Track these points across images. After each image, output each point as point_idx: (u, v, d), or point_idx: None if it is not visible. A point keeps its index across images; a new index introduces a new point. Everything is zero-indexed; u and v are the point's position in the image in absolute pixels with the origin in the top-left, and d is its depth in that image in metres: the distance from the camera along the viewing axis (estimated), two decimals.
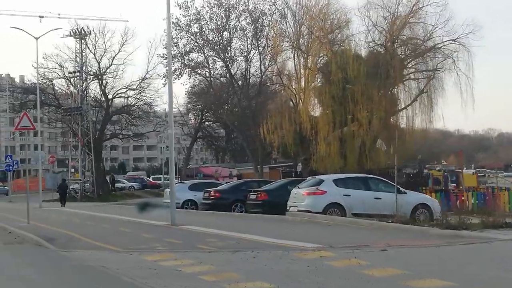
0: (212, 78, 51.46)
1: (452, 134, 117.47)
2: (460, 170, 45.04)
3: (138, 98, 57.83)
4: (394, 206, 19.87)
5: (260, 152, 50.71)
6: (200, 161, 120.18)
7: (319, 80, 42.22)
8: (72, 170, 55.41)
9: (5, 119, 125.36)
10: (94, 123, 57.19)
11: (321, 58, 42.96)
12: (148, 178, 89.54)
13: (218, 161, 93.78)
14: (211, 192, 28.75)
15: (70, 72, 54.70)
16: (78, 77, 53.90)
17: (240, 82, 50.55)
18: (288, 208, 22.41)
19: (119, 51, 56.37)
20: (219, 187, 29.75)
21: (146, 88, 57.35)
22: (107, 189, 58.43)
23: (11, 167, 52.18)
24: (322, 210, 20.87)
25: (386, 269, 10.35)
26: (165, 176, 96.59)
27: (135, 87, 57.69)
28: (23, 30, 44.34)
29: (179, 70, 50.65)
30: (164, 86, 53.53)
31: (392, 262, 11.13)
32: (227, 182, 61.69)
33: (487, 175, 71.91)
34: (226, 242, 15.06)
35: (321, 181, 22.01)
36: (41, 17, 59.00)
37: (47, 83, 57.26)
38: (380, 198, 21.22)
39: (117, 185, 67.20)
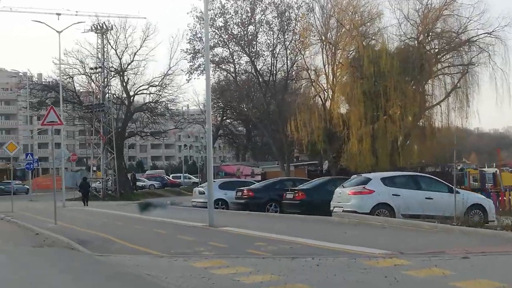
0: (236, 74, 50.02)
1: (471, 132, 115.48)
2: (496, 170, 43.42)
3: (160, 95, 56.71)
4: (447, 207, 18.47)
5: (286, 150, 49.30)
6: (219, 160, 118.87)
7: (349, 75, 40.65)
8: (94, 168, 54.29)
9: (23, 117, 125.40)
10: (115, 121, 56.09)
11: (351, 52, 41.44)
12: (168, 177, 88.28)
13: (238, 159, 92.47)
14: (244, 191, 27.41)
15: (91, 68, 53.66)
16: (99, 73, 52.75)
17: (265, 78, 49.07)
18: (332, 208, 21.03)
19: (140, 47, 55.44)
20: (252, 186, 28.41)
21: (168, 84, 56.29)
22: (129, 188, 57.29)
23: (31, 165, 51.49)
24: (370, 211, 19.49)
25: (479, 281, 8.98)
26: (185, 174, 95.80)
27: (157, 83, 56.69)
28: (44, 23, 43.28)
29: (203, 66, 49.25)
30: (188, 82, 52.47)
31: (481, 272, 9.74)
32: (259, 181, 61.01)
33: None
34: (277, 246, 13.72)
35: (368, 180, 20.58)
36: (59, 14, 58.20)
37: (67, 79, 56.26)
38: (432, 198, 19.80)
39: (137, 183, 66.16)
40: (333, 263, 10.94)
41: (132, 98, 57.43)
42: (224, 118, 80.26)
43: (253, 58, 48.87)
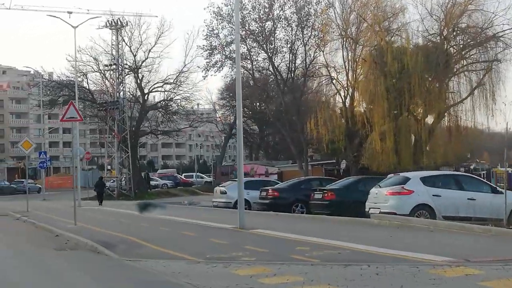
0: (254, 71, 48.87)
1: (482, 132, 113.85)
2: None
3: (175, 93, 55.75)
4: (492, 208, 17.37)
5: (305, 149, 48.25)
6: (229, 159, 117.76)
7: (371, 71, 39.48)
8: (109, 167, 53.31)
9: (34, 116, 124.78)
10: (130, 119, 55.15)
11: (373, 48, 40.28)
12: (180, 176, 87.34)
13: (251, 158, 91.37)
14: (269, 191, 26.35)
15: (106, 65, 52.68)
16: (114, 70, 51.79)
17: (283, 75, 47.92)
18: (367, 209, 19.95)
19: (155, 44, 54.38)
20: (277, 186, 27.33)
21: (183, 82, 55.29)
22: (143, 187, 56.29)
23: (44, 163, 50.60)
24: (409, 212, 18.39)
25: None
26: (197, 173, 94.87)
27: (172, 81, 55.70)
28: (60, 18, 42.39)
29: (220, 62, 48.39)
30: (204, 78, 51.47)
31: None
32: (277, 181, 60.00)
33: None
34: (323, 251, 12.66)
35: (407, 179, 19.45)
36: (70, 12, 57.16)
37: (81, 77, 55.35)
38: (475, 199, 18.68)
39: (150, 183, 65.23)
40: (394, 272, 9.88)
41: (146, 96, 56.49)
42: None
43: (271, 55, 47.76)
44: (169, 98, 56.12)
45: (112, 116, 52.16)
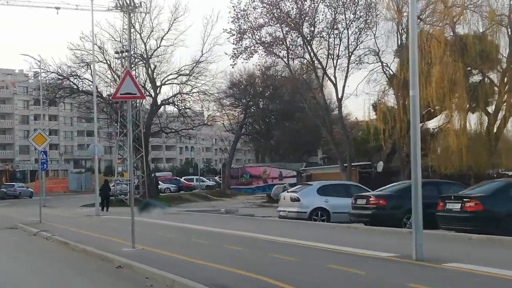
0: (290, 58, 42.39)
1: None
2: None
3: (192, 86, 49.40)
4: None
5: (349, 148, 42.02)
6: (235, 162, 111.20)
7: (441, 58, 33.22)
8: (119, 169, 46.59)
9: (18, 116, 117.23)
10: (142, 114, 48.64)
11: (442, 27, 34.12)
12: (183, 180, 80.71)
13: (258, 160, 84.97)
14: (371, 199, 19.99)
15: (116, 52, 46.09)
16: (125, 58, 45.21)
17: (323, 63, 41.54)
18: None
19: (168, 30, 48.08)
20: (382, 192, 20.93)
21: (202, 73, 49.02)
22: (153, 191, 49.69)
23: (45, 165, 43.64)
24: None
25: None
26: (197, 177, 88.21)
27: (188, 72, 49.34)
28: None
29: (250, 48, 41.92)
30: (233, 67, 45.19)
31: None
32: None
33: None
34: None
35: None
36: (58, 8, 50.55)
37: (84, 67, 48.80)
38: None
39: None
40: None
41: (158, 89, 50.01)
42: (248, 115, 73.05)
43: (309, 39, 41.47)
44: (185, 91, 49.72)
45: (122, 111, 45.59)
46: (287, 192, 24.62)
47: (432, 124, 36.86)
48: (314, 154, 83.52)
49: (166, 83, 49.90)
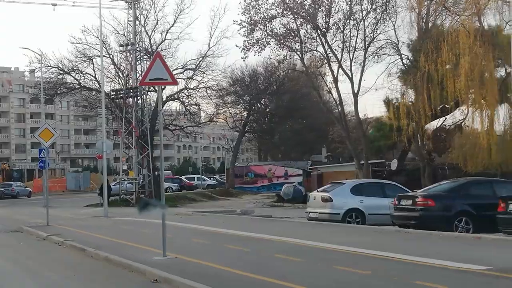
0: (303, 51, 40.37)
1: None
2: None
3: (199, 81, 47.47)
4: None
5: (366, 145, 40.14)
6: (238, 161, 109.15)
7: (470, 48, 31.18)
8: (125, 167, 44.45)
9: (14, 115, 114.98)
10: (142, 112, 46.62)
11: (469, 16, 32.16)
12: (185, 179, 78.67)
13: (261, 158, 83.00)
14: (419, 199, 18.02)
15: (121, 45, 44.02)
16: (130, 51, 43.18)
17: (338, 56, 39.55)
18: None
19: (174, 23, 46.00)
20: (430, 191, 19.00)
21: (209, 68, 47.06)
22: (158, 190, 47.54)
23: (46, 162, 41.49)
24: None
25: None
26: (198, 176, 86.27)
27: (194, 66, 47.34)
28: None
29: (262, 41, 39.92)
30: (244, 60, 43.21)
31: None
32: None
33: None
34: None
35: None
36: (54, 5, 48.49)
37: (86, 61, 46.75)
38: None
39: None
40: None
41: None
42: (251, 112, 71.09)
43: (323, 31, 39.53)
44: (192, 86, 47.77)
45: (127, 106, 43.58)
46: (317, 191, 22.63)
47: (457, 118, 34.90)
48: (316, 152, 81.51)
49: None
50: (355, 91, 39.43)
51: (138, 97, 42.84)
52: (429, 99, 32.15)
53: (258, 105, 73.27)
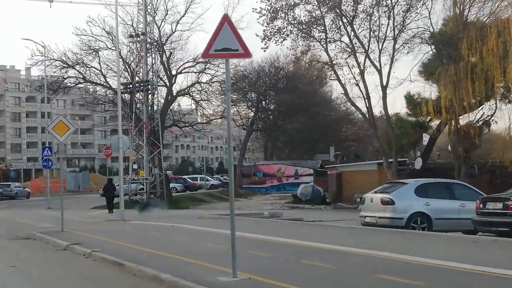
0: (328, 41, 37.54)
1: None
2: None
3: (212, 75, 44.74)
4: None
5: (395, 142, 37.38)
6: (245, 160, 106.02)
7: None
8: (135, 166, 41.52)
9: (10, 114, 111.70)
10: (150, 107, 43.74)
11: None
12: (189, 179, 75.94)
13: (267, 157, 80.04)
14: (511, 203, 15.27)
15: (130, 36, 41.18)
16: (140, 42, 40.29)
17: (367, 47, 36.77)
18: None
19: (185, 13, 43.43)
20: None
21: (222, 61, 44.11)
22: (168, 191, 44.75)
23: (50, 162, 38.70)
24: None
25: None
26: (201, 176, 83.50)
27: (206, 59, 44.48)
28: None
29: (284, 30, 37.08)
30: (264, 51, 40.43)
31: None
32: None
33: None
34: None
35: None
36: (51, 1, 45.78)
37: (92, 54, 43.96)
38: None
39: None
40: None
41: (174, 78, 45.16)
42: (260, 109, 68.21)
43: (349, 20, 36.77)
44: (203, 81, 44.97)
45: (136, 101, 40.71)
46: (375, 193, 19.76)
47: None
48: (320, 151, 78.51)
49: (183, 71, 45.12)
50: (384, 84, 36.67)
51: (149, 91, 39.85)
52: (474, 92, 29.43)
53: (263, 103, 70.38)
